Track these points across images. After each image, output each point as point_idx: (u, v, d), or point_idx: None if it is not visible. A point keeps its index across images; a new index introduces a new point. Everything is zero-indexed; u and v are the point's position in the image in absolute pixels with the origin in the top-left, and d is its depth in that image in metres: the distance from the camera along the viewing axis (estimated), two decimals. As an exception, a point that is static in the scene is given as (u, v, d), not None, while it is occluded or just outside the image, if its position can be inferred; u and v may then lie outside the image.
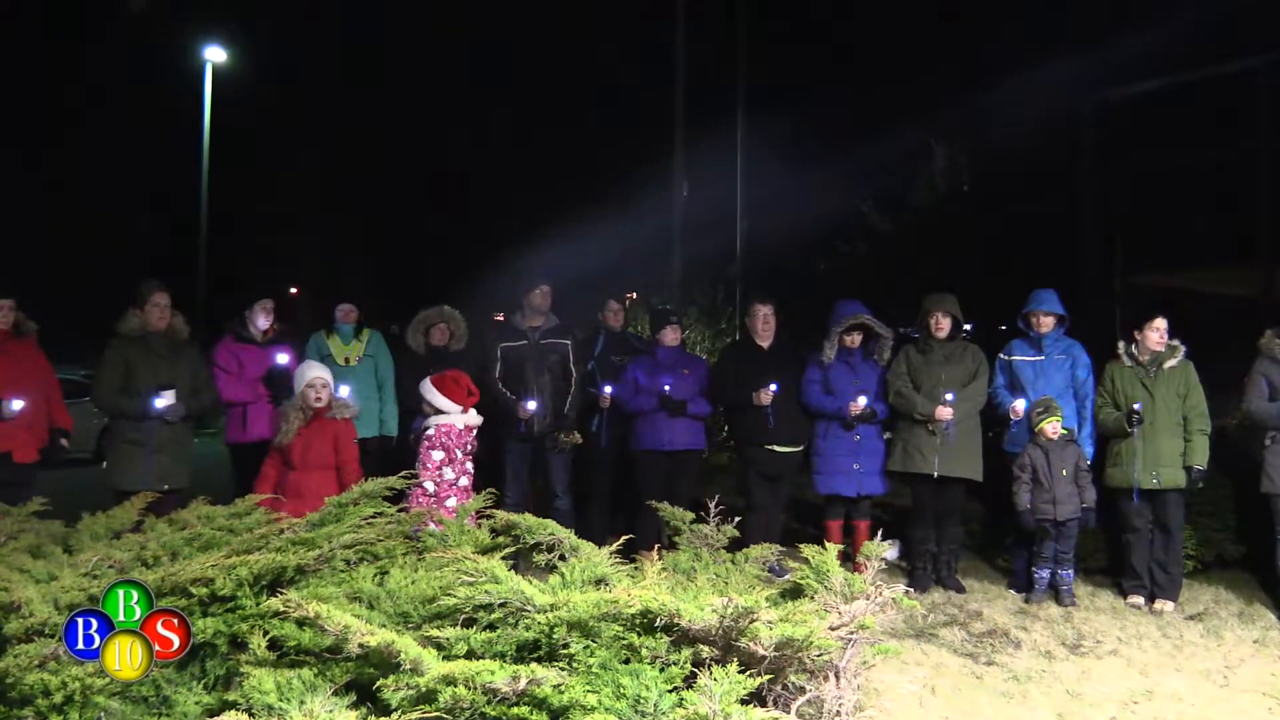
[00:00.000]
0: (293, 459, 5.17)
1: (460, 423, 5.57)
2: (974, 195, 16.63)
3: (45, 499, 4.20)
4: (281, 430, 5.20)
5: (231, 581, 2.87)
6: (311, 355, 6.45)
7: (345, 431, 5.34)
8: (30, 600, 2.76)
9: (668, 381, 6.39)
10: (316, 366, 5.46)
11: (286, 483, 5.12)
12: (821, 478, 6.33)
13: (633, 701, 2.52)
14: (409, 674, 2.48)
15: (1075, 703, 4.15)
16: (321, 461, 5.22)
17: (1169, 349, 5.81)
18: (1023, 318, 6.19)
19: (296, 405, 5.25)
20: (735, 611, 2.64)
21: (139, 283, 5.83)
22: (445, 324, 6.46)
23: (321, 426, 5.24)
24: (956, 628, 5.20)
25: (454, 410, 5.56)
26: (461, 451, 5.56)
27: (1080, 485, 5.77)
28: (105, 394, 5.68)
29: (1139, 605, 5.71)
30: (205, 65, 23.82)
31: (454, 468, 5.51)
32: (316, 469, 5.19)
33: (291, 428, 5.18)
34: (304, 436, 5.20)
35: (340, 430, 5.31)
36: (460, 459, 5.55)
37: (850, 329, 6.33)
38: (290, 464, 5.18)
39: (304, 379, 5.31)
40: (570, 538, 3.54)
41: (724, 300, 13.29)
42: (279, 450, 5.22)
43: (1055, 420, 5.76)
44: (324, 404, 5.26)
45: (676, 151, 12.81)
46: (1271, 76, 11.84)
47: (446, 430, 5.53)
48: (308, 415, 5.23)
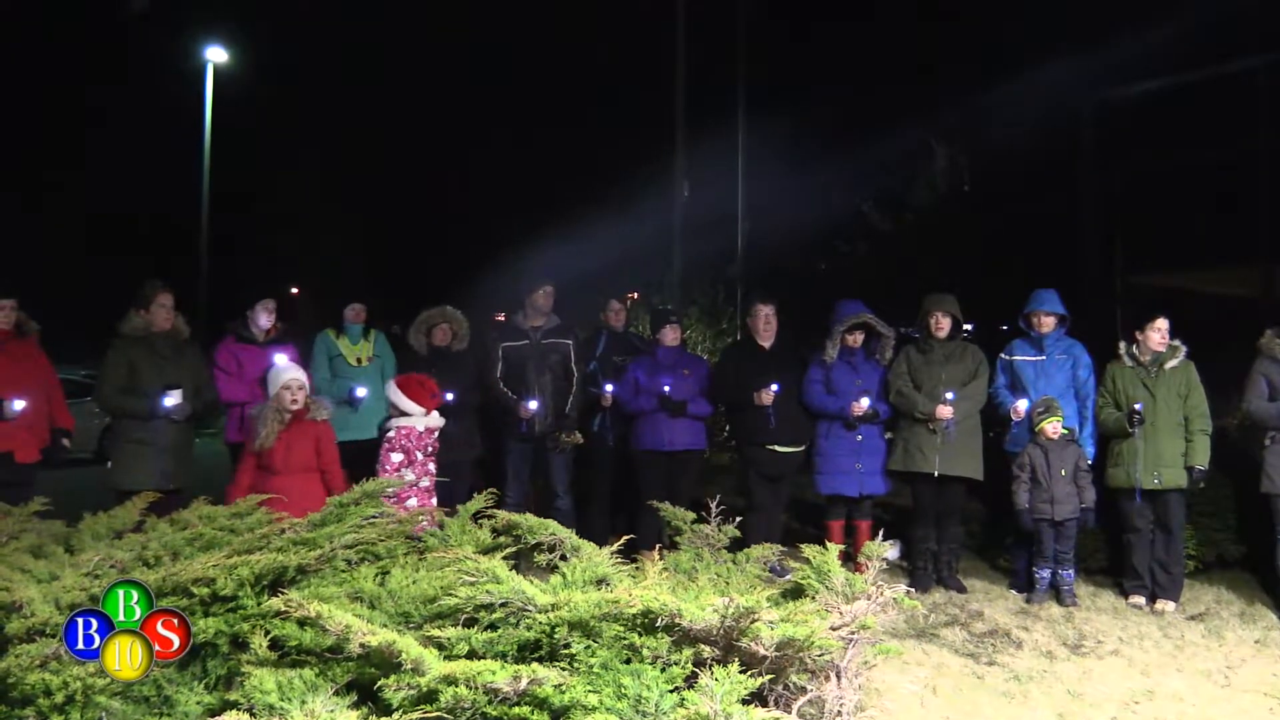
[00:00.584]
0: (274, 464, 5.06)
1: (421, 425, 5.60)
2: (974, 195, 16.63)
3: (46, 499, 4.21)
4: (261, 435, 5.07)
5: (233, 581, 2.87)
6: (320, 356, 6.44)
7: (325, 433, 5.25)
8: (32, 600, 2.76)
9: (668, 382, 6.39)
10: (292, 368, 5.34)
11: (268, 488, 4.89)
12: (824, 478, 6.32)
13: (634, 701, 2.53)
14: (410, 674, 2.48)
15: (1076, 703, 4.15)
16: (304, 465, 5.12)
17: (1170, 349, 5.80)
18: (1024, 318, 6.19)
19: (273, 408, 5.12)
20: (736, 611, 2.64)
21: (142, 283, 5.83)
22: (448, 324, 6.46)
23: (302, 429, 5.14)
24: (958, 628, 5.20)
25: (417, 412, 5.59)
26: (422, 453, 5.60)
27: (1079, 485, 5.77)
28: (109, 394, 5.68)
29: (1140, 605, 5.71)
30: (206, 65, 23.83)
31: (415, 469, 5.54)
32: (300, 472, 5.10)
33: (271, 431, 5.06)
34: (284, 440, 5.08)
35: (320, 432, 5.21)
36: (421, 460, 5.58)
37: (852, 328, 6.33)
38: (272, 469, 5.06)
39: (279, 381, 5.18)
40: (571, 538, 3.55)
41: (725, 300, 13.29)
42: (256, 455, 5.10)
43: (1055, 420, 5.76)
44: (301, 406, 5.15)
45: (677, 151, 12.81)
46: (1272, 76, 11.83)
47: (406, 432, 5.56)
48: (285, 418, 5.12)
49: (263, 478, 5.07)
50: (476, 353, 6.60)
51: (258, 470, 5.11)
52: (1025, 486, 5.79)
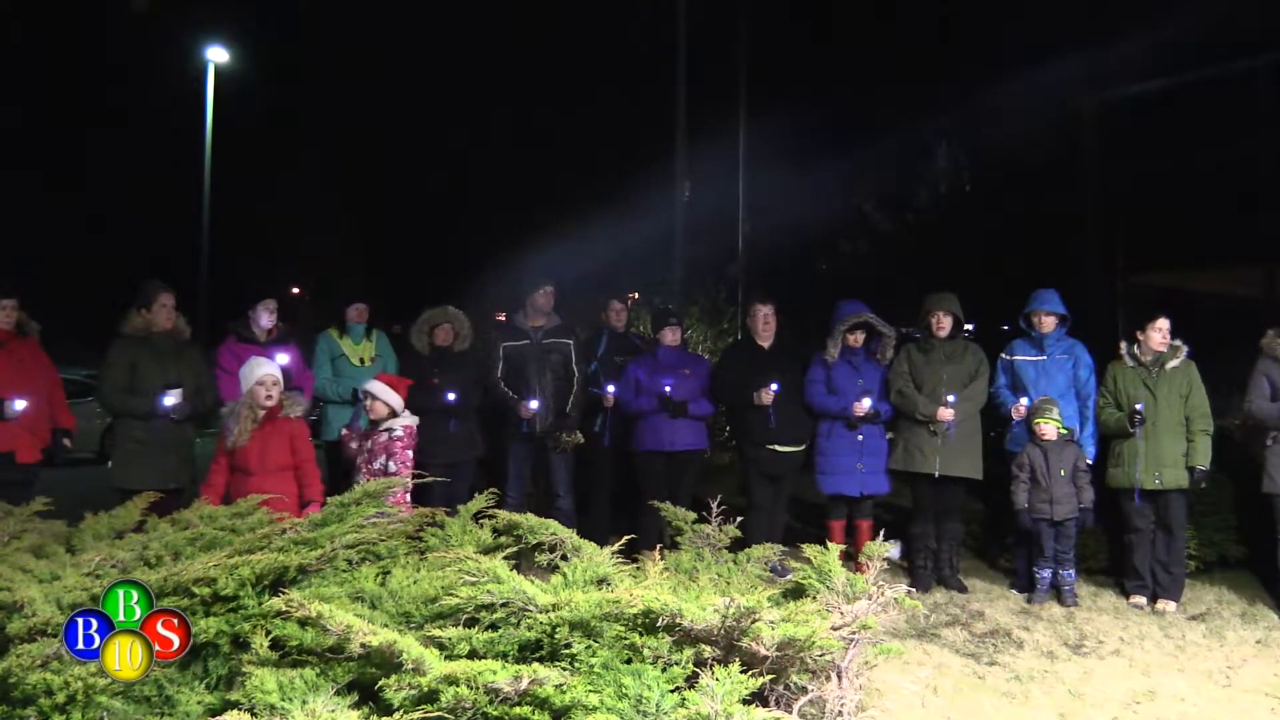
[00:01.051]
0: (249, 463, 4.93)
1: (414, 422, 5.57)
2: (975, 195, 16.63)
3: (48, 499, 4.20)
4: (234, 433, 4.95)
5: (234, 581, 2.87)
6: (322, 355, 6.45)
7: (300, 430, 5.14)
8: (33, 600, 2.76)
9: (669, 382, 6.39)
10: (266, 364, 5.19)
11: (245, 488, 4.73)
12: (826, 478, 6.31)
13: (635, 701, 2.53)
14: (411, 674, 2.48)
15: (1077, 703, 4.15)
16: (280, 463, 5.00)
17: (1171, 349, 5.80)
18: (1024, 318, 6.19)
19: (246, 404, 5.00)
20: (737, 611, 2.64)
21: (143, 283, 5.84)
22: (450, 324, 6.46)
23: (276, 427, 5.02)
24: (959, 628, 5.20)
25: (404, 411, 5.54)
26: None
27: (1078, 485, 5.77)
28: (111, 394, 5.68)
29: (1141, 605, 5.70)
30: (208, 65, 23.83)
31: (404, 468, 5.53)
32: (275, 472, 4.97)
33: (245, 430, 4.94)
34: (259, 439, 4.96)
35: (295, 429, 5.10)
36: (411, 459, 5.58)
37: (853, 328, 6.33)
38: (246, 469, 4.94)
39: (253, 377, 5.02)
40: (572, 538, 3.54)
41: (726, 300, 13.29)
42: (229, 454, 4.98)
43: (1049, 422, 5.76)
44: (275, 403, 5.03)
45: (678, 152, 12.81)
46: (1274, 76, 11.83)
47: (412, 430, 5.52)
48: (258, 415, 4.99)
49: (237, 479, 4.94)
50: (478, 352, 6.60)
51: (231, 470, 4.99)
52: (1024, 486, 5.79)
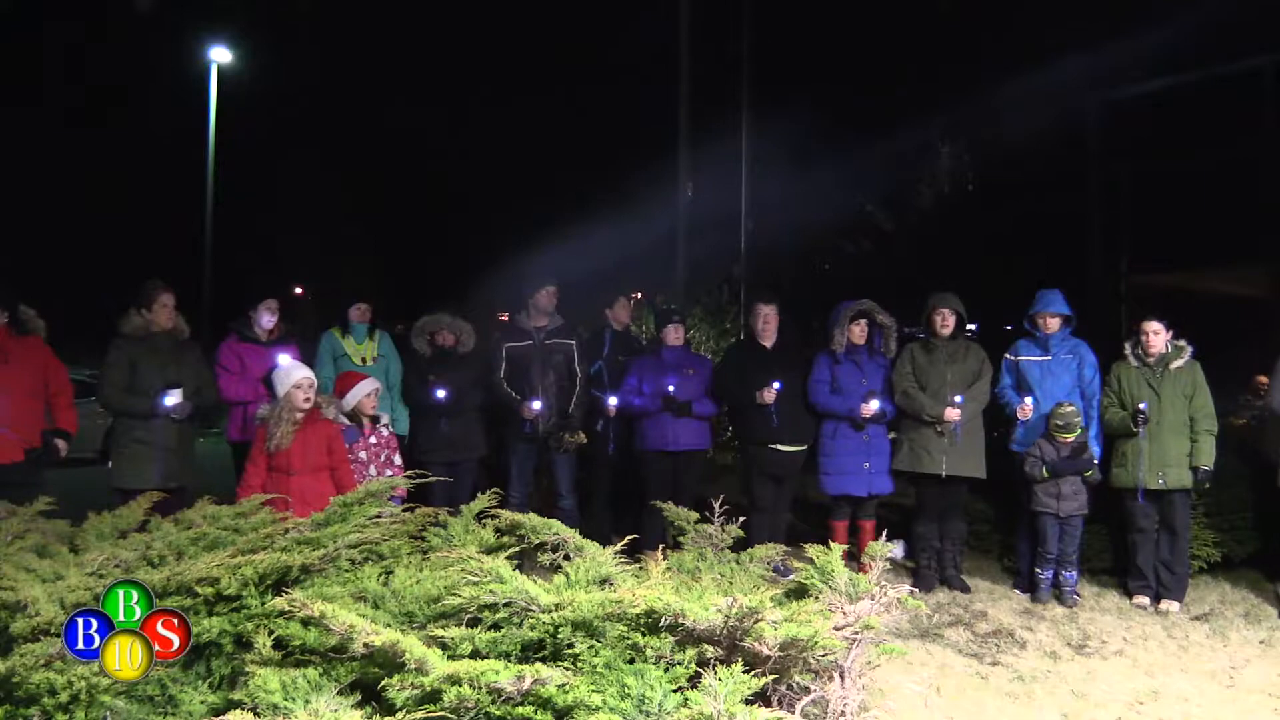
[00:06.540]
0: (291, 464, 5.02)
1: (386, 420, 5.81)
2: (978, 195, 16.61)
3: (51, 498, 4.20)
4: (276, 436, 5.01)
5: (237, 581, 2.87)
6: (325, 355, 6.44)
7: (335, 431, 5.26)
8: (36, 599, 2.76)
9: (672, 382, 6.39)
10: (300, 367, 5.28)
11: (289, 488, 4.87)
12: (831, 478, 6.30)
13: (637, 701, 2.52)
14: (414, 673, 2.48)
15: (1080, 703, 4.15)
16: (318, 464, 5.11)
17: (1175, 349, 5.80)
18: (1029, 318, 6.19)
19: (286, 408, 5.07)
20: (740, 611, 2.64)
21: (143, 282, 5.83)
22: (448, 330, 6.44)
23: (314, 429, 5.12)
24: (962, 628, 5.19)
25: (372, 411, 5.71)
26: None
27: (1086, 484, 5.78)
28: (112, 394, 5.67)
29: (1144, 605, 5.70)
30: (211, 65, 23.84)
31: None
32: (313, 472, 5.07)
33: (288, 433, 5.02)
34: (299, 440, 5.05)
35: (330, 430, 5.21)
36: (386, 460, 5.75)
37: (855, 317, 6.33)
38: (288, 470, 5.02)
39: (290, 380, 5.11)
40: (575, 537, 3.54)
41: (729, 300, 13.29)
42: (269, 456, 5.04)
43: (1072, 434, 5.76)
44: (312, 404, 5.12)
45: (681, 151, 12.81)
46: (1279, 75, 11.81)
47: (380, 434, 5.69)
48: (298, 418, 5.07)
49: (276, 479, 5.01)
50: (480, 353, 6.60)
51: (270, 471, 5.06)
52: (1039, 465, 5.79)
